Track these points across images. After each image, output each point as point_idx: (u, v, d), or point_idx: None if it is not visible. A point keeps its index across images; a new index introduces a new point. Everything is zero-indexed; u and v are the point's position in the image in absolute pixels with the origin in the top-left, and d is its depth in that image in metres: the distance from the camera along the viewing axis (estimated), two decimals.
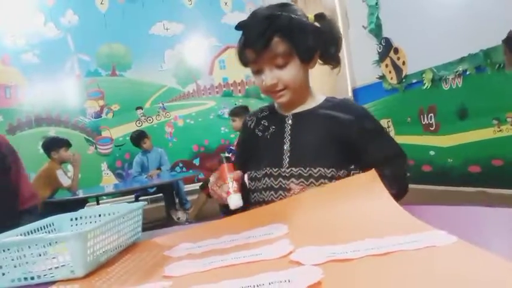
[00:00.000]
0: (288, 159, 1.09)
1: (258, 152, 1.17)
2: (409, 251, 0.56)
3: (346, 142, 1.07)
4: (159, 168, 4.69)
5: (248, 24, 1.03)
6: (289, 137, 1.12)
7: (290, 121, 1.13)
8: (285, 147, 1.11)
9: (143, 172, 4.68)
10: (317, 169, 1.05)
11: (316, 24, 1.08)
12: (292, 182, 1.06)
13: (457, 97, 3.07)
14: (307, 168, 1.05)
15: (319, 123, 1.10)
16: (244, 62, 1.08)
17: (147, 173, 4.61)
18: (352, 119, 1.08)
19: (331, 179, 1.04)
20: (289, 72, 1.04)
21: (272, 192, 1.09)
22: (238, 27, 1.05)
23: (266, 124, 1.19)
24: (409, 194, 1.08)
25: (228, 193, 0.98)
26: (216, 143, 5.84)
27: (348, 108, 1.11)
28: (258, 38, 0.99)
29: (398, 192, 0.99)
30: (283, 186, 1.07)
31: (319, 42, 1.07)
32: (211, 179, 1.07)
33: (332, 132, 1.07)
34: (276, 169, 1.10)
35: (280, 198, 1.06)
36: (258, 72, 1.07)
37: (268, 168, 1.11)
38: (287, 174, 1.08)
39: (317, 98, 1.16)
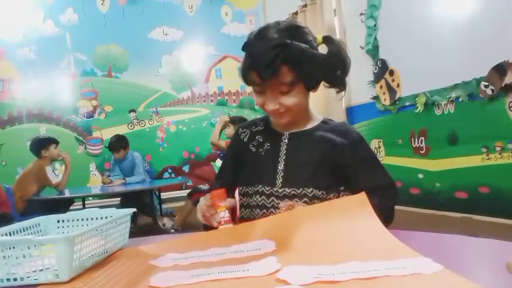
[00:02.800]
0: (281, 179, 1.08)
1: (251, 168, 1.16)
2: (395, 277, 0.57)
3: (339, 165, 1.07)
4: (123, 179, 4.53)
5: (256, 49, 0.99)
6: (284, 157, 1.11)
7: (286, 140, 1.13)
8: (279, 167, 1.10)
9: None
10: (310, 189, 1.05)
11: (324, 52, 1.06)
12: (285, 202, 1.05)
13: (448, 122, 3.10)
14: (301, 189, 1.05)
15: (314, 145, 1.09)
16: (248, 81, 1.05)
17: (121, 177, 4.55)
18: (346, 144, 1.08)
19: (323, 200, 1.04)
20: (293, 99, 1.03)
21: (264, 210, 1.09)
22: (245, 49, 1.02)
23: (261, 140, 1.17)
24: (396, 216, 1.09)
25: (219, 223, 0.96)
26: (207, 151, 5.83)
27: (343, 132, 1.11)
28: (266, 66, 0.95)
29: (384, 222, 0.99)
30: (276, 205, 1.07)
31: (327, 70, 1.04)
32: (202, 201, 1.02)
33: (326, 155, 1.07)
34: (269, 188, 1.09)
35: None
36: (260, 93, 1.05)
37: (260, 186, 1.10)
38: (280, 194, 1.07)
39: (314, 119, 1.16)
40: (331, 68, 1.05)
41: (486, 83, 2.72)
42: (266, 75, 0.97)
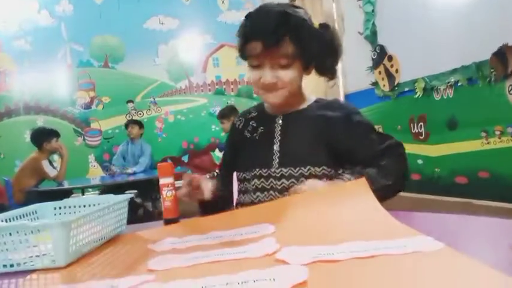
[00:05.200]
0: (277, 160, 1.08)
1: (246, 153, 1.16)
2: (395, 255, 0.56)
3: (336, 140, 1.05)
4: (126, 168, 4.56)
5: (260, 18, 1.00)
6: (279, 137, 1.10)
7: (280, 121, 1.12)
8: (275, 148, 1.09)
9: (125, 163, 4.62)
10: (307, 168, 1.03)
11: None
12: (283, 182, 1.05)
13: (447, 107, 3.09)
14: (297, 168, 1.04)
15: (309, 123, 1.09)
16: (245, 55, 1.04)
17: (128, 165, 4.55)
18: (341, 116, 1.07)
19: (322, 177, 1.02)
20: (291, 74, 1.02)
21: (265, 192, 1.08)
22: (249, 17, 1.03)
23: (255, 125, 1.17)
24: (396, 201, 1.07)
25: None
26: (206, 140, 5.82)
27: (337, 107, 1.10)
28: (270, 33, 0.96)
29: (397, 181, 0.98)
30: (274, 186, 1.06)
31: (322, 51, 1.05)
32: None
33: (322, 131, 1.06)
34: (266, 170, 1.08)
35: (271, 199, 1.05)
36: (257, 67, 1.03)
37: (257, 169, 1.10)
38: (277, 175, 1.06)
39: (307, 99, 1.15)
40: (324, 52, 1.06)
41: (492, 69, 2.69)
42: (270, 42, 0.96)
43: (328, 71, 1.10)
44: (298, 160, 1.05)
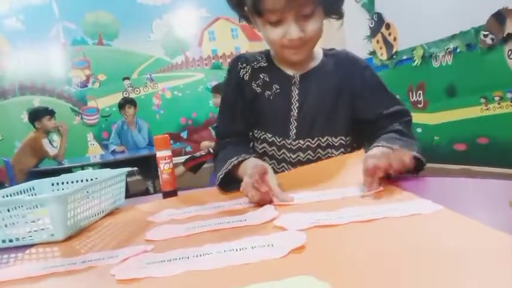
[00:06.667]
0: (295, 130, 0.99)
1: (257, 111, 1.02)
2: (394, 218, 0.56)
3: (354, 99, 0.98)
4: (122, 145, 4.50)
5: None
6: (297, 103, 0.99)
7: (298, 82, 1.00)
8: (292, 115, 0.99)
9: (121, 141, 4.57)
10: (325, 138, 0.98)
11: None
12: (298, 155, 0.99)
13: (446, 75, 3.07)
14: (316, 139, 0.98)
15: (327, 85, 0.99)
16: (261, 10, 0.87)
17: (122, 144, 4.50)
18: (357, 73, 1.00)
19: (339, 148, 0.98)
20: (315, 24, 0.89)
21: (273, 161, 1.01)
22: None
23: (267, 79, 1.02)
24: None
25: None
26: (204, 116, 5.80)
27: (350, 62, 1.03)
28: None
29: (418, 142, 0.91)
30: (288, 159, 1.00)
31: None
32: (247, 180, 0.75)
33: (340, 92, 0.99)
34: (281, 139, 1.00)
35: (282, 171, 0.99)
36: (277, 23, 0.88)
37: (270, 136, 1.00)
38: (293, 147, 0.99)
39: (317, 53, 1.04)
40: None
41: (485, 32, 2.66)
42: None
43: (338, 9, 0.95)
44: (316, 129, 0.98)
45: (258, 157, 0.97)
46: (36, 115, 3.92)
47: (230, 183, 0.89)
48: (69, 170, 3.87)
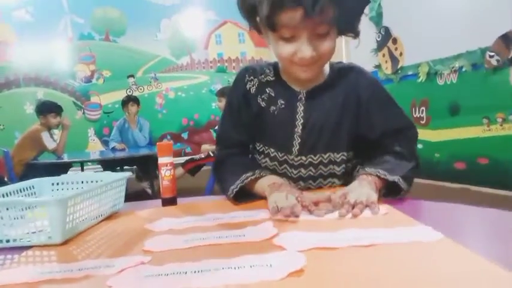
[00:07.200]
0: (298, 146, 0.98)
1: (260, 125, 1.02)
2: (394, 244, 0.56)
3: (359, 113, 0.97)
4: (122, 143, 4.47)
5: None
6: (302, 120, 0.98)
7: (303, 98, 0.98)
8: (297, 132, 0.98)
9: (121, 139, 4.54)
10: (327, 154, 0.98)
11: None
12: (300, 171, 0.99)
13: (450, 93, 3.07)
14: (318, 155, 0.98)
15: (332, 102, 0.98)
16: (275, 24, 0.83)
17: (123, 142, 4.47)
18: (364, 85, 0.98)
19: (340, 164, 0.98)
20: (329, 44, 0.87)
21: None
22: None
23: (273, 95, 1.01)
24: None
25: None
26: (206, 118, 5.80)
27: (356, 77, 1.00)
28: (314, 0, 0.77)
29: (418, 164, 0.92)
30: (289, 175, 1.00)
31: (360, 7, 0.91)
32: (283, 202, 0.78)
33: (346, 108, 0.97)
34: (283, 154, 1.00)
35: None
36: (289, 39, 0.85)
37: (273, 150, 1.01)
38: (295, 163, 0.99)
39: (324, 67, 1.00)
40: (362, 6, 0.92)
41: (491, 53, 2.67)
42: (314, 9, 0.77)
43: (355, 28, 0.92)
44: (320, 147, 0.98)
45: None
46: (43, 109, 3.91)
47: (241, 196, 0.91)
48: (67, 165, 3.88)
